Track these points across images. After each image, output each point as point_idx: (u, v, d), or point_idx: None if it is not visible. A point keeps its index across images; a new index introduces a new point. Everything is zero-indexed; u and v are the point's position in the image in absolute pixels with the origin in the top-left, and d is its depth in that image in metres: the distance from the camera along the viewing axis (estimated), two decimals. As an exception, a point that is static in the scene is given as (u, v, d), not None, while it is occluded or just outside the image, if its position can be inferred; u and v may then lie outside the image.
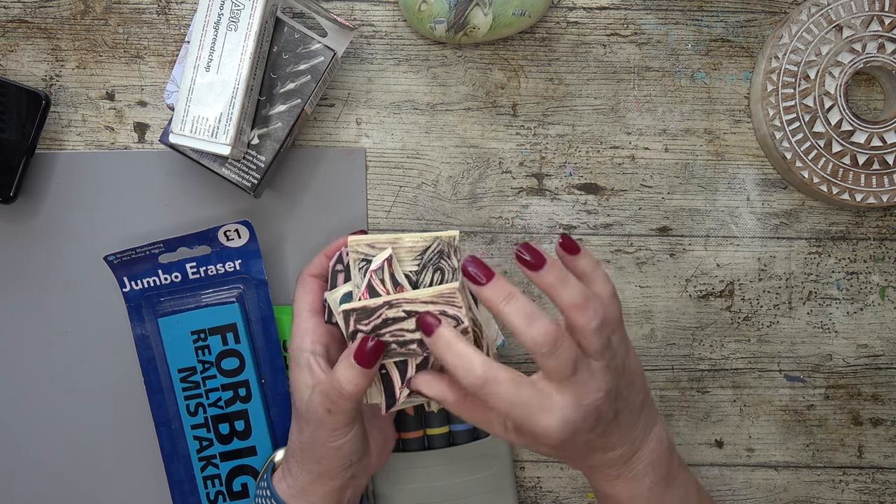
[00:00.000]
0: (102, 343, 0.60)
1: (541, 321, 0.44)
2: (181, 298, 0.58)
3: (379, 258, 0.48)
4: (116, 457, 0.60)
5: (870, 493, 0.62)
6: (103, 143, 0.60)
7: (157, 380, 0.58)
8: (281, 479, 0.52)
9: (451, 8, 0.56)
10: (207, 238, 0.56)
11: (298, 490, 0.51)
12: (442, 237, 0.48)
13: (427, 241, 0.48)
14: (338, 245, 0.54)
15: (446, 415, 0.60)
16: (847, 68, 0.58)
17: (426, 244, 0.48)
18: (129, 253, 0.56)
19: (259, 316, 0.58)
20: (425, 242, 0.48)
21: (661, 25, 0.61)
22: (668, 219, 0.61)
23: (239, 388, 0.57)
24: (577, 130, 0.61)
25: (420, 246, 0.48)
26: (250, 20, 0.52)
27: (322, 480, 0.50)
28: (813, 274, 0.62)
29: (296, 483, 0.51)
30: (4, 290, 0.60)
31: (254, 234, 0.56)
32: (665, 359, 0.62)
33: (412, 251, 0.48)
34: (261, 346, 0.58)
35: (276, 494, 0.51)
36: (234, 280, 0.58)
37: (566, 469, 0.62)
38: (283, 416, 0.58)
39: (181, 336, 0.57)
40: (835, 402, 0.62)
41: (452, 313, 0.46)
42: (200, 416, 0.57)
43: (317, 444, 0.50)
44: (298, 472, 0.51)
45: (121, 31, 0.60)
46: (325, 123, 0.60)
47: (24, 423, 0.60)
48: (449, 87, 0.60)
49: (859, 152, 0.59)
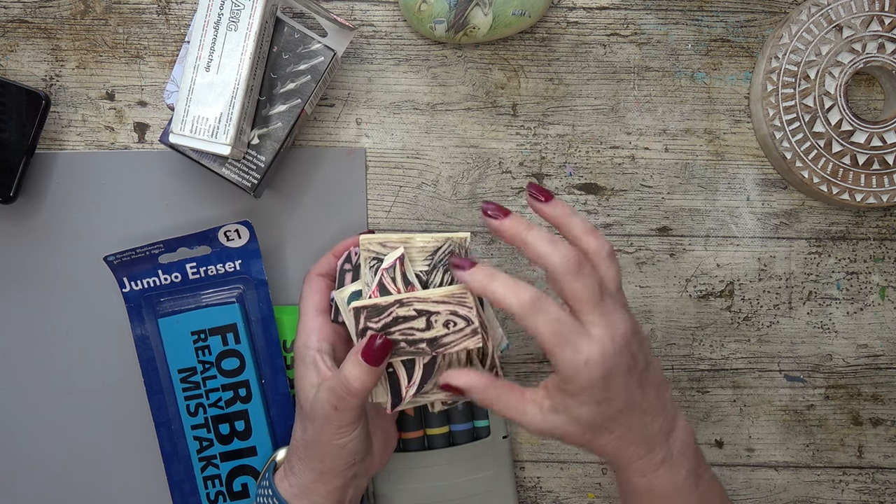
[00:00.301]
0: (102, 343, 0.60)
1: (563, 244, 0.45)
2: (181, 299, 0.58)
3: (391, 257, 0.48)
4: (116, 457, 0.60)
5: (870, 493, 0.62)
6: (103, 143, 0.60)
7: (157, 380, 0.58)
8: (283, 478, 0.52)
9: (451, 8, 0.56)
10: (208, 238, 0.56)
11: (301, 489, 0.51)
12: (453, 238, 0.48)
13: (438, 242, 0.48)
14: (346, 245, 0.54)
15: (446, 415, 0.60)
16: (847, 68, 0.58)
17: (437, 244, 0.48)
18: (129, 253, 0.56)
19: (259, 316, 0.58)
20: (437, 243, 0.48)
21: (661, 25, 0.61)
22: (668, 219, 0.61)
23: (239, 389, 0.57)
24: (577, 130, 0.61)
25: (431, 246, 0.48)
26: (250, 20, 0.52)
27: (325, 479, 0.50)
28: (813, 274, 0.62)
29: (298, 482, 0.51)
30: (4, 290, 0.60)
31: (254, 234, 0.56)
32: (665, 359, 0.62)
33: (423, 251, 0.48)
34: (261, 346, 0.58)
35: (278, 493, 0.51)
36: (235, 280, 0.58)
37: (566, 469, 0.62)
38: (283, 416, 0.58)
39: (181, 336, 0.57)
40: (835, 402, 0.62)
41: (463, 313, 0.47)
42: (201, 416, 0.57)
43: (321, 442, 0.50)
44: (301, 470, 0.51)
45: (121, 31, 0.60)
46: (325, 123, 0.60)
47: (24, 423, 0.60)
48: (449, 87, 0.60)
49: (859, 152, 0.59)
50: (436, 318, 0.47)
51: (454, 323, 0.47)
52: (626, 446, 0.48)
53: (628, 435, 0.47)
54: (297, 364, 0.52)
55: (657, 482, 0.49)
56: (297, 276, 0.60)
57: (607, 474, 0.62)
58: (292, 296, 0.60)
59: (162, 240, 0.56)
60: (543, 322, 0.44)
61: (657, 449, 0.48)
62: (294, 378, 0.52)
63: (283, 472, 0.52)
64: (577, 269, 0.45)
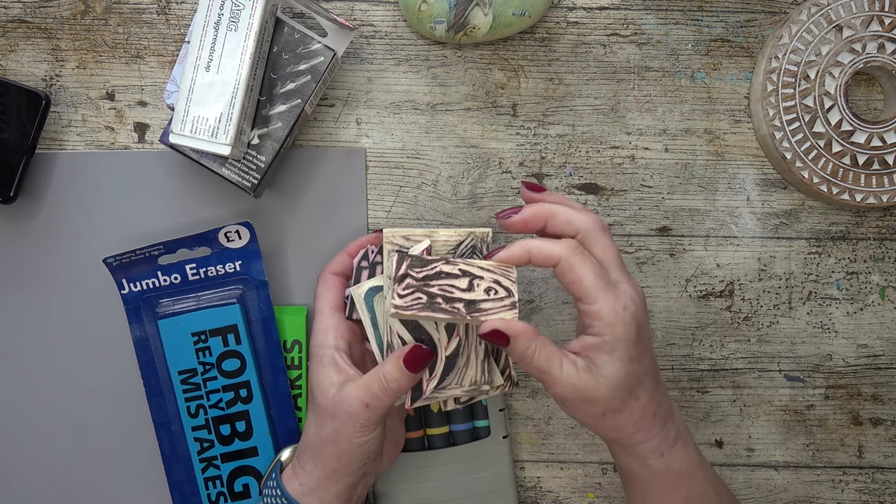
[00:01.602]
0: (102, 343, 0.60)
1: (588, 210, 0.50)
2: (181, 300, 0.58)
3: (418, 248, 0.48)
4: (117, 457, 0.60)
5: (870, 493, 0.62)
6: (103, 143, 0.60)
7: (157, 382, 0.58)
8: (291, 477, 0.52)
9: (451, 8, 0.56)
10: (208, 239, 0.56)
11: (311, 487, 0.51)
12: (476, 233, 0.49)
13: (461, 236, 0.49)
14: (361, 243, 0.54)
15: (446, 415, 0.60)
16: (847, 68, 0.58)
17: (460, 239, 0.49)
18: (129, 255, 0.56)
19: (260, 317, 0.58)
20: (459, 237, 0.49)
21: (661, 25, 0.61)
22: (668, 219, 0.61)
23: (240, 389, 0.57)
24: (577, 130, 0.61)
25: (454, 240, 0.49)
26: (250, 20, 0.52)
27: (336, 477, 0.50)
28: (813, 274, 0.62)
29: (308, 480, 0.51)
30: (4, 290, 0.60)
31: (254, 234, 0.56)
32: (665, 359, 0.62)
33: (447, 244, 0.49)
34: (261, 347, 0.58)
35: (286, 493, 0.51)
36: (235, 281, 0.58)
37: (566, 469, 0.62)
38: (283, 416, 0.58)
39: (181, 338, 0.57)
40: (835, 402, 0.62)
41: (506, 285, 0.47)
42: (201, 417, 0.57)
43: (340, 440, 0.50)
44: (313, 468, 0.51)
45: (121, 31, 0.60)
46: (325, 123, 0.60)
47: (23, 423, 0.60)
48: (449, 87, 0.60)
49: (859, 152, 0.59)
50: (479, 282, 0.47)
51: (495, 291, 0.47)
52: (648, 420, 0.48)
53: (651, 405, 0.48)
54: (314, 362, 0.52)
55: (674, 461, 0.49)
56: (297, 275, 0.60)
57: (607, 474, 0.62)
58: (292, 296, 0.60)
59: (161, 241, 0.56)
60: (589, 266, 0.47)
61: (669, 424, 0.49)
62: (309, 376, 0.53)
63: (290, 471, 0.52)
64: (605, 228, 0.49)
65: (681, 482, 0.50)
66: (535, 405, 0.61)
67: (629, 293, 0.47)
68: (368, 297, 0.51)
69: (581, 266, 0.46)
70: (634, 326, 0.47)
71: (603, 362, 0.47)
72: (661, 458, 0.49)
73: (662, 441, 0.49)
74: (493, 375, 0.50)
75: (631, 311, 0.47)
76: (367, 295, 0.51)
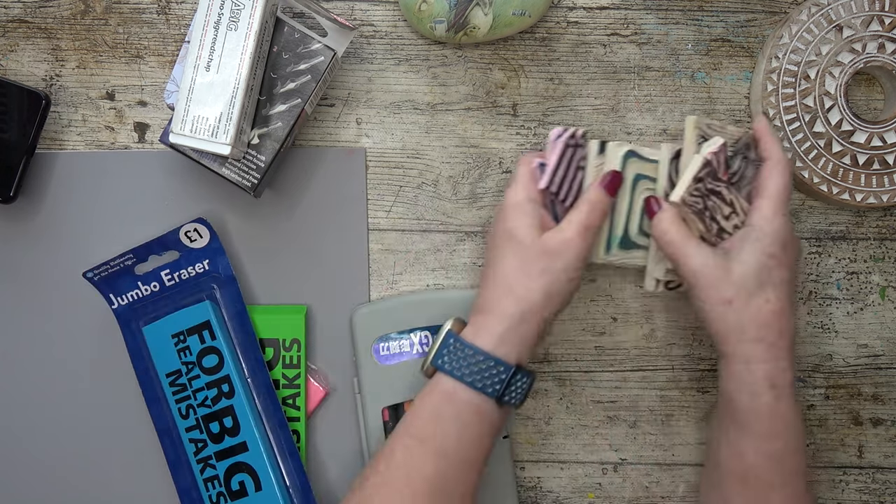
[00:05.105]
0: (103, 343, 0.60)
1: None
2: (162, 306, 0.59)
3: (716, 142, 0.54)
4: (124, 463, 0.60)
5: (870, 493, 0.62)
6: (103, 143, 0.60)
7: (153, 389, 0.58)
8: (475, 334, 0.52)
9: (452, 8, 0.56)
10: (171, 242, 0.57)
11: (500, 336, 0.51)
12: (749, 132, 0.55)
13: (740, 134, 0.55)
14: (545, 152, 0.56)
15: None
16: (847, 68, 0.58)
17: (740, 135, 0.55)
18: (105, 268, 0.57)
19: (234, 311, 0.58)
20: (740, 134, 0.55)
21: (661, 25, 0.61)
22: (668, 219, 0.61)
23: (222, 385, 0.57)
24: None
25: (736, 136, 0.55)
26: (250, 20, 0.52)
27: (528, 318, 0.51)
28: (813, 274, 0.62)
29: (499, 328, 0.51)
30: (4, 290, 0.60)
31: (213, 232, 0.57)
32: (665, 359, 0.62)
33: (732, 137, 0.55)
34: (239, 342, 0.58)
35: (479, 349, 0.51)
36: (207, 280, 0.58)
37: (566, 469, 0.62)
38: (269, 408, 0.58)
39: (164, 341, 0.58)
40: (835, 402, 0.62)
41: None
42: (192, 418, 0.57)
43: (554, 280, 0.51)
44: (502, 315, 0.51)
45: (121, 31, 0.60)
46: (325, 123, 0.60)
47: (23, 423, 0.60)
48: (449, 86, 0.60)
49: (859, 152, 0.59)
50: (734, 218, 0.53)
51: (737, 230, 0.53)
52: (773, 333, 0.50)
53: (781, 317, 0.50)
54: (515, 212, 0.53)
55: (783, 403, 0.50)
56: (296, 275, 0.60)
57: (607, 474, 0.62)
58: (291, 295, 0.60)
59: (130, 249, 0.57)
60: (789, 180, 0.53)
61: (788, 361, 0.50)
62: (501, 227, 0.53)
63: (472, 329, 0.52)
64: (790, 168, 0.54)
65: (786, 430, 0.50)
66: (535, 405, 0.61)
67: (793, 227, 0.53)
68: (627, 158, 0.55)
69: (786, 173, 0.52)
70: (786, 233, 0.51)
71: (743, 249, 0.51)
72: (771, 390, 0.49)
73: (778, 372, 0.49)
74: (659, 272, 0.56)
75: (788, 227, 0.52)
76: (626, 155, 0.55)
